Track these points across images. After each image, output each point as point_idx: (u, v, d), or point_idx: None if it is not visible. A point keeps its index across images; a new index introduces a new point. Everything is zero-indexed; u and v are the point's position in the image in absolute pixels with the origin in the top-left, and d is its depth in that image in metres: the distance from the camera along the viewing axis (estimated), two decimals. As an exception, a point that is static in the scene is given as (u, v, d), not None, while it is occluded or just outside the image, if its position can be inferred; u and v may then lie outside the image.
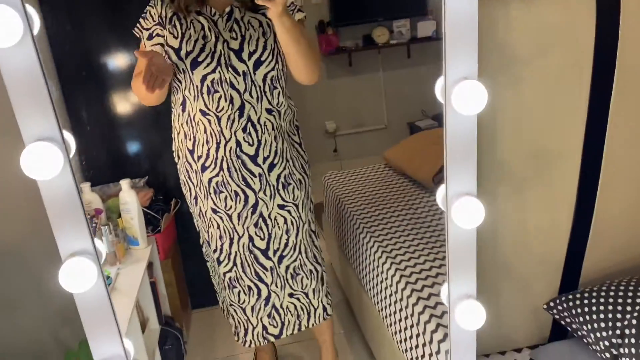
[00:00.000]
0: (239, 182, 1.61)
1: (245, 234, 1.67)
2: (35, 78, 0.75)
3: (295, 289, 1.76)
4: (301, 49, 1.48)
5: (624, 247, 1.23)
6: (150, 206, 2.27)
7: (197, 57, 1.51)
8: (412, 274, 1.59)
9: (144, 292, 1.98)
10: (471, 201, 0.92)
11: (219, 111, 1.54)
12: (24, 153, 0.76)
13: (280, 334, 1.81)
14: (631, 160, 1.15)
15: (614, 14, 1.01)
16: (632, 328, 0.99)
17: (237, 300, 1.77)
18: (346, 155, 4.50)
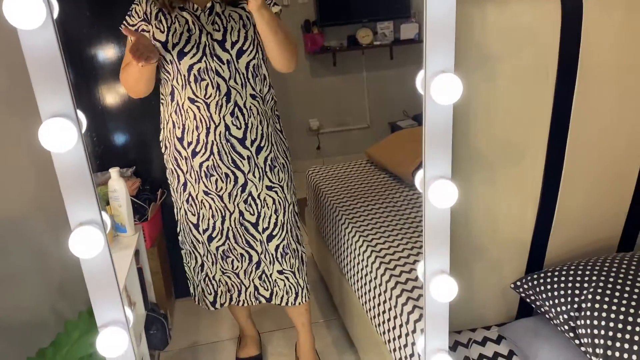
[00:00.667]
0: (229, 164, 1.70)
1: (236, 210, 1.77)
2: (54, 59, 0.82)
3: (285, 268, 1.86)
4: (279, 39, 1.58)
5: (584, 233, 1.34)
6: (137, 195, 2.32)
7: (183, 49, 1.60)
8: (391, 261, 1.69)
9: (131, 278, 2.04)
10: (446, 183, 1.02)
11: (207, 98, 1.63)
12: (42, 127, 0.83)
13: (271, 299, 1.92)
14: (592, 154, 1.25)
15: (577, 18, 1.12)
16: (588, 302, 1.10)
17: (231, 268, 1.87)
18: (329, 153, 4.59)
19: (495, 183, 1.23)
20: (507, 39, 1.12)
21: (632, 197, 1.32)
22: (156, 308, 2.28)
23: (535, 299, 1.24)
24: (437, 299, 1.10)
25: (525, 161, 1.22)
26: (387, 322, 1.60)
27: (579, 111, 1.19)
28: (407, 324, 1.43)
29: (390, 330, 1.58)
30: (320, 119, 4.53)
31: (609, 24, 1.16)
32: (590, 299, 1.09)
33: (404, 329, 1.46)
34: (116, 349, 0.99)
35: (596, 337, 1.05)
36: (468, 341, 1.35)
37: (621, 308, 1.05)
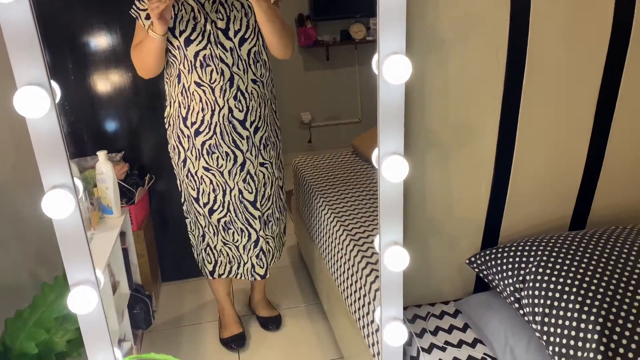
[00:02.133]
0: (229, 144, 1.83)
1: (235, 187, 1.91)
2: (29, 30, 0.89)
3: (268, 234, 2.03)
4: (275, 27, 1.71)
5: (537, 212, 1.41)
6: (125, 180, 2.38)
7: (189, 36, 1.71)
8: (357, 234, 1.80)
9: (115, 258, 2.11)
10: (398, 159, 1.09)
11: (212, 82, 1.75)
12: (17, 94, 0.90)
13: (265, 275, 2.07)
14: (542, 136, 1.32)
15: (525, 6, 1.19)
16: (532, 274, 1.17)
17: (231, 240, 2.00)
18: (320, 146, 4.65)
19: (448, 162, 1.30)
20: (459, 25, 1.19)
21: (582, 177, 1.39)
22: (141, 289, 2.35)
23: (487, 274, 1.31)
24: (390, 269, 1.17)
25: (478, 142, 1.29)
26: (353, 294, 1.68)
27: (528, 94, 1.27)
28: (369, 293, 1.50)
29: (356, 300, 1.65)
30: (312, 113, 4.59)
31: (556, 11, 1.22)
32: (534, 272, 1.17)
33: (367, 298, 1.53)
34: (86, 306, 1.06)
35: (536, 305, 1.12)
36: (426, 314, 1.42)
37: (559, 279, 1.12)
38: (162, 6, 1.53)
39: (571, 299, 1.07)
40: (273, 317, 2.35)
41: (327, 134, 4.66)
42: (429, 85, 1.22)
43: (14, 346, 1.15)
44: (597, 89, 1.31)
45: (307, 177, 2.52)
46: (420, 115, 1.24)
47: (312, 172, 2.59)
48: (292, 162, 2.88)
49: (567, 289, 1.09)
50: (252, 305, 2.43)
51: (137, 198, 2.35)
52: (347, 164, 2.67)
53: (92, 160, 2.38)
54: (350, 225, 1.88)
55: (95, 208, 2.06)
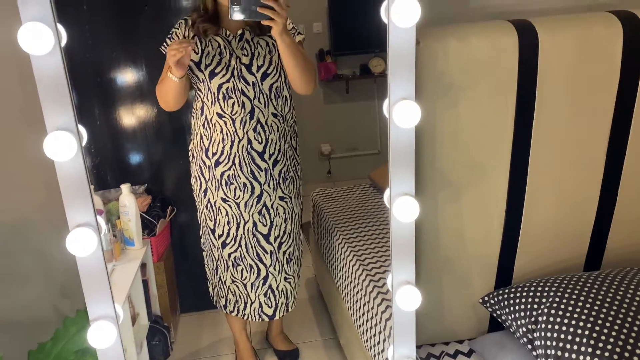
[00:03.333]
0: (247, 175, 1.88)
1: (250, 220, 1.93)
2: (60, 80, 0.95)
3: (289, 273, 2.04)
4: (298, 63, 1.76)
5: (550, 251, 1.41)
6: (147, 211, 2.44)
7: (214, 69, 1.80)
8: (373, 269, 1.81)
9: (136, 289, 2.15)
10: (409, 200, 1.11)
11: (233, 114, 1.82)
12: (47, 139, 0.96)
13: (274, 315, 2.07)
14: (553, 177, 1.34)
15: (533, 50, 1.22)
16: (544, 316, 1.17)
17: (240, 277, 2.02)
18: (339, 177, 4.69)
19: (460, 201, 1.32)
20: (468, 70, 1.22)
21: (595, 215, 1.39)
22: (160, 320, 2.38)
23: (500, 314, 1.31)
24: (403, 308, 1.18)
25: (489, 181, 1.31)
26: (369, 330, 1.68)
27: (539, 134, 1.29)
28: (385, 330, 1.51)
29: (371, 337, 1.65)
30: (331, 144, 4.65)
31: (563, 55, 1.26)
32: (546, 313, 1.17)
33: (382, 335, 1.54)
34: (105, 341, 1.09)
35: (548, 347, 1.12)
36: (440, 354, 1.42)
37: (572, 321, 1.11)
38: (178, 55, 1.61)
39: (584, 342, 1.07)
40: (291, 350, 2.35)
41: (346, 165, 4.70)
42: (439, 128, 1.25)
43: (36, 378, 1.19)
44: (608, 127, 1.33)
45: (325, 209, 2.55)
46: (432, 156, 1.27)
47: (330, 204, 2.62)
48: (311, 194, 2.92)
49: (580, 331, 1.09)
50: (269, 339, 2.44)
51: (158, 230, 2.40)
52: (364, 197, 2.69)
53: (115, 192, 2.44)
54: (366, 260, 1.90)
55: (118, 240, 2.11)
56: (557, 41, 1.24)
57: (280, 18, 1.53)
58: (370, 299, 1.67)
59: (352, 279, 1.92)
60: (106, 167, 2.56)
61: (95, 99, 2.48)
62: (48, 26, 0.92)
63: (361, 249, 2.00)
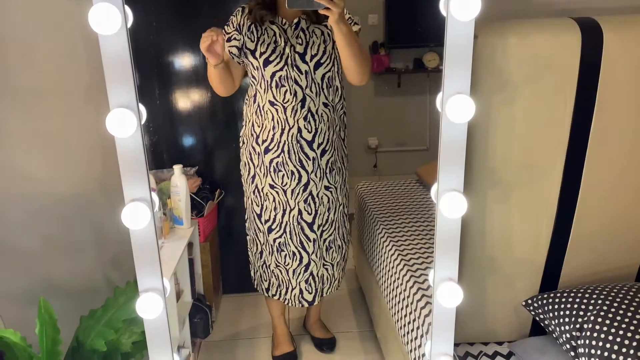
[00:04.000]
0: (295, 163, 1.91)
1: (295, 207, 1.96)
2: (125, 59, 1.00)
3: (327, 260, 2.07)
4: (354, 52, 1.75)
5: (600, 258, 1.36)
6: (197, 193, 2.51)
7: (268, 57, 1.82)
8: (414, 265, 1.79)
9: (182, 267, 2.22)
10: (457, 196, 1.10)
11: (285, 102, 1.84)
12: (109, 116, 1.00)
13: (314, 301, 2.10)
14: (609, 181, 1.29)
15: (597, 50, 1.17)
16: (590, 323, 1.14)
17: (283, 262, 2.06)
18: (385, 172, 4.66)
19: (510, 201, 1.29)
20: (527, 66, 1.19)
21: (651, 227, 1.34)
22: (202, 299, 2.45)
23: (544, 318, 1.29)
24: (443, 304, 1.18)
25: (541, 183, 1.28)
26: (407, 325, 1.68)
27: (596, 137, 1.24)
28: (423, 326, 1.50)
29: (409, 332, 1.65)
30: (379, 138, 4.62)
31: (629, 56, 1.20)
32: (592, 321, 1.13)
33: (420, 330, 1.53)
34: (152, 312, 1.14)
35: (592, 357, 1.09)
36: (478, 354, 1.40)
37: (619, 331, 1.08)
38: (206, 42, 1.65)
39: (631, 353, 1.04)
40: (328, 338, 2.37)
41: (393, 159, 4.66)
42: (493, 125, 1.23)
43: (86, 342, 1.25)
44: (672, 135, 1.27)
45: (369, 202, 2.55)
46: (484, 153, 1.25)
47: (374, 198, 2.61)
48: (356, 187, 2.92)
49: (627, 342, 1.05)
50: (307, 326, 2.47)
51: (206, 211, 2.47)
52: (410, 193, 2.67)
53: (168, 172, 2.52)
54: (408, 255, 1.89)
55: (168, 218, 2.18)
56: (623, 41, 1.19)
57: (337, 7, 1.53)
58: (410, 293, 1.67)
59: (393, 273, 1.92)
60: (161, 147, 2.65)
61: (155, 81, 2.56)
62: (116, 7, 0.96)
63: (403, 244, 1.99)
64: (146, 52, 2.52)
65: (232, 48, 1.87)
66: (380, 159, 4.67)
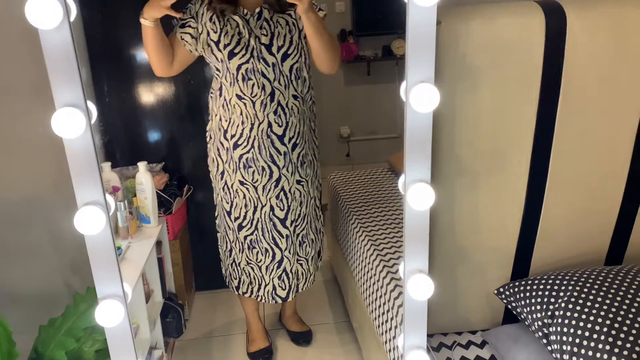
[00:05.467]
0: (266, 158, 1.86)
1: (267, 204, 1.91)
2: (69, 55, 0.93)
3: (302, 255, 2.03)
4: (324, 41, 1.71)
5: (570, 244, 1.36)
6: (164, 190, 2.45)
7: (233, 49, 1.75)
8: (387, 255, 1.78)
9: (150, 266, 2.16)
10: (424, 187, 1.07)
11: (253, 96, 1.78)
12: (55, 115, 0.94)
13: (287, 297, 2.07)
14: (576, 166, 1.28)
15: (561, 33, 1.16)
16: (561, 310, 1.13)
17: (255, 260, 2.01)
18: (358, 161, 4.65)
19: (478, 189, 1.28)
20: (491, 52, 1.17)
21: (620, 208, 1.34)
22: (174, 298, 2.40)
23: (516, 306, 1.28)
24: (414, 297, 1.16)
25: (509, 170, 1.27)
26: (381, 315, 1.66)
27: (563, 122, 1.23)
28: (397, 317, 1.49)
29: (383, 323, 1.64)
30: (351, 127, 4.60)
31: (593, 40, 1.19)
32: (563, 307, 1.13)
33: (394, 321, 1.52)
34: (112, 320, 1.09)
35: (564, 343, 1.08)
36: (452, 343, 1.39)
37: (590, 317, 1.07)
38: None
39: (601, 339, 1.03)
40: (304, 332, 2.35)
41: (365, 148, 4.66)
42: (459, 113, 1.20)
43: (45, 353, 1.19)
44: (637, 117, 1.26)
45: (342, 193, 2.52)
46: (450, 142, 1.22)
47: (347, 188, 2.59)
48: (329, 177, 2.89)
49: (598, 327, 1.05)
50: (282, 319, 2.44)
51: (174, 208, 2.41)
52: (382, 181, 2.65)
53: (133, 169, 2.45)
54: (381, 245, 1.87)
55: (134, 217, 2.12)
56: (587, 23, 1.17)
57: None
58: (384, 284, 1.65)
59: (366, 264, 1.90)
60: (124, 144, 2.57)
61: (114, 77, 2.48)
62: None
63: (376, 234, 1.97)
64: (106, 46, 2.43)
65: (186, 35, 1.79)
66: (352, 147, 4.66)
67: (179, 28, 1.81)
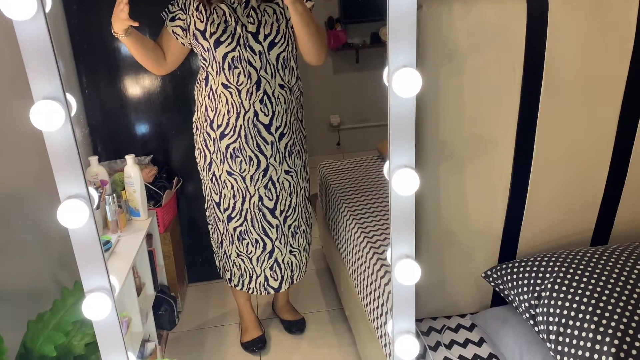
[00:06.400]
0: (253, 148, 1.84)
1: (256, 194, 1.90)
2: (45, 47, 0.92)
3: (294, 246, 2.03)
4: (311, 31, 1.70)
5: (556, 226, 1.37)
6: (153, 182, 2.44)
7: (219, 38, 1.74)
8: (377, 241, 1.78)
9: (141, 259, 2.15)
10: (409, 172, 1.07)
11: (239, 85, 1.77)
12: (33, 108, 0.93)
13: (279, 288, 2.07)
14: (560, 148, 1.29)
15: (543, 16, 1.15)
16: (547, 291, 1.14)
17: (245, 251, 2.00)
18: (349, 149, 4.64)
19: (464, 173, 1.28)
20: (474, 35, 1.16)
21: (604, 189, 1.34)
22: (166, 290, 2.40)
23: (503, 288, 1.29)
24: (402, 282, 1.16)
25: (494, 153, 1.27)
26: (372, 302, 1.67)
27: (546, 104, 1.23)
28: (387, 302, 1.49)
29: (374, 309, 1.65)
30: (341, 115, 4.59)
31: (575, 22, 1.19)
32: (549, 288, 1.14)
33: (384, 307, 1.53)
34: (100, 313, 1.08)
35: (550, 324, 1.09)
36: (442, 327, 1.40)
37: (575, 297, 1.08)
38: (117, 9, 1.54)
39: (587, 318, 1.04)
40: (297, 320, 2.36)
41: (355, 136, 4.65)
42: (442, 96, 1.20)
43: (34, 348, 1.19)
44: (620, 96, 1.27)
45: (332, 182, 2.52)
46: (434, 127, 1.22)
47: (336, 176, 2.58)
48: (318, 166, 2.89)
49: (583, 307, 1.06)
50: (275, 309, 2.45)
51: (164, 201, 2.40)
52: (371, 169, 2.65)
53: (121, 163, 2.44)
54: (371, 232, 1.87)
55: (123, 210, 2.11)
56: (568, 6, 1.17)
57: None
58: (374, 271, 1.65)
59: (357, 251, 1.90)
60: (112, 138, 2.55)
61: (99, 69, 2.45)
62: (30, -11, 0.88)
63: (366, 221, 1.97)
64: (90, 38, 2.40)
65: (176, 28, 1.79)
66: (343, 136, 4.65)
67: (169, 22, 1.80)
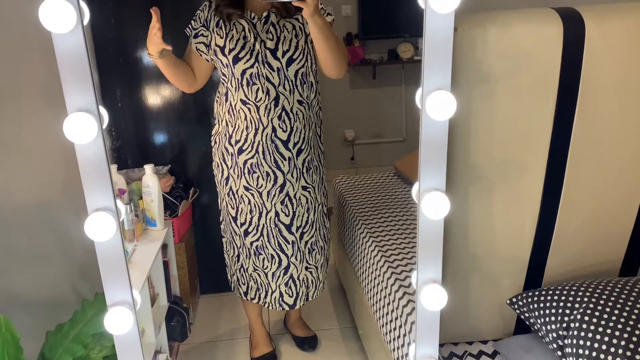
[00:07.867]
0: (270, 164, 1.84)
1: (272, 210, 1.90)
2: (81, 60, 0.92)
3: (311, 263, 2.01)
4: (330, 45, 1.69)
5: (584, 254, 1.34)
6: (170, 192, 2.44)
7: (238, 54, 1.74)
8: (398, 265, 1.75)
9: (156, 270, 2.15)
10: (439, 196, 1.06)
11: (258, 101, 1.77)
12: (66, 120, 0.93)
13: (294, 305, 2.05)
14: (592, 176, 1.26)
15: (579, 43, 1.14)
16: (577, 322, 1.11)
17: (261, 266, 1.99)
18: (363, 164, 4.64)
19: (492, 198, 1.26)
20: (508, 59, 1.15)
21: (635, 219, 1.32)
22: (179, 301, 2.39)
23: (529, 316, 1.26)
24: (427, 308, 1.14)
25: (524, 179, 1.25)
26: (389, 323, 1.64)
27: (579, 132, 1.21)
28: (405, 325, 1.47)
29: (391, 331, 1.62)
30: (356, 130, 4.58)
31: (613, 51, 1.17)
32: (579, 319, 1.11)
33: (402, 329, 1.50)
34: (122, 327, 1.07)
35: (580, 356, 1.06)
36: (463, 353, 1.37)
37: (607, 330, 1.06)
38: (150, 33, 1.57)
39: (619, 352, 1.01)
40: (309, 337, 2.33)
41: (370, 151, 4.64)
42: (474, 120, 1.19)
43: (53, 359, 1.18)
44: (655, 130, 1.25)
45: (348, 197, 2.51)
46: (464, 149, 1.21)
47: (352, 192, 2.57)
48: (334, 181, 2.87)
49: (616, 341, 1.03)
50: (287, 324, 2.43)
51: (180, 211, 2.40)
52: (389, 186, 2.63)
53: (139, 172, 2.44)
54: (389, 252, 1.85)
55: (140, 220, 2.11)
56: (606, 32, 1.16)
57: None
58: (392, 293, 1.63)
59: (373, 270, 1.88)
60: (131, 146, 2.56)
61: (121, 79, 2.47)
62: (70, 3, 0.89)
63: (386, 243, 1.95)
64: (112, 49, 2.42)
65: (200, 45, 1.80)
66: (357, 151, 4.64)
67: (193, 39, 1.81)
